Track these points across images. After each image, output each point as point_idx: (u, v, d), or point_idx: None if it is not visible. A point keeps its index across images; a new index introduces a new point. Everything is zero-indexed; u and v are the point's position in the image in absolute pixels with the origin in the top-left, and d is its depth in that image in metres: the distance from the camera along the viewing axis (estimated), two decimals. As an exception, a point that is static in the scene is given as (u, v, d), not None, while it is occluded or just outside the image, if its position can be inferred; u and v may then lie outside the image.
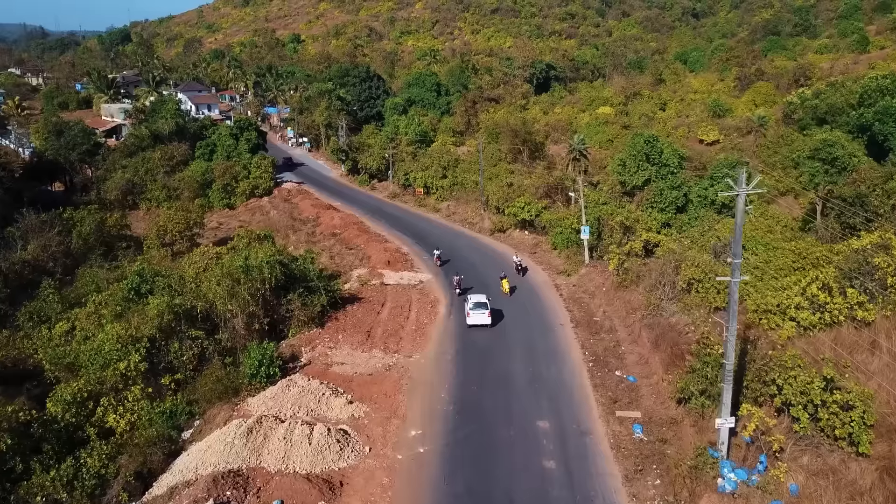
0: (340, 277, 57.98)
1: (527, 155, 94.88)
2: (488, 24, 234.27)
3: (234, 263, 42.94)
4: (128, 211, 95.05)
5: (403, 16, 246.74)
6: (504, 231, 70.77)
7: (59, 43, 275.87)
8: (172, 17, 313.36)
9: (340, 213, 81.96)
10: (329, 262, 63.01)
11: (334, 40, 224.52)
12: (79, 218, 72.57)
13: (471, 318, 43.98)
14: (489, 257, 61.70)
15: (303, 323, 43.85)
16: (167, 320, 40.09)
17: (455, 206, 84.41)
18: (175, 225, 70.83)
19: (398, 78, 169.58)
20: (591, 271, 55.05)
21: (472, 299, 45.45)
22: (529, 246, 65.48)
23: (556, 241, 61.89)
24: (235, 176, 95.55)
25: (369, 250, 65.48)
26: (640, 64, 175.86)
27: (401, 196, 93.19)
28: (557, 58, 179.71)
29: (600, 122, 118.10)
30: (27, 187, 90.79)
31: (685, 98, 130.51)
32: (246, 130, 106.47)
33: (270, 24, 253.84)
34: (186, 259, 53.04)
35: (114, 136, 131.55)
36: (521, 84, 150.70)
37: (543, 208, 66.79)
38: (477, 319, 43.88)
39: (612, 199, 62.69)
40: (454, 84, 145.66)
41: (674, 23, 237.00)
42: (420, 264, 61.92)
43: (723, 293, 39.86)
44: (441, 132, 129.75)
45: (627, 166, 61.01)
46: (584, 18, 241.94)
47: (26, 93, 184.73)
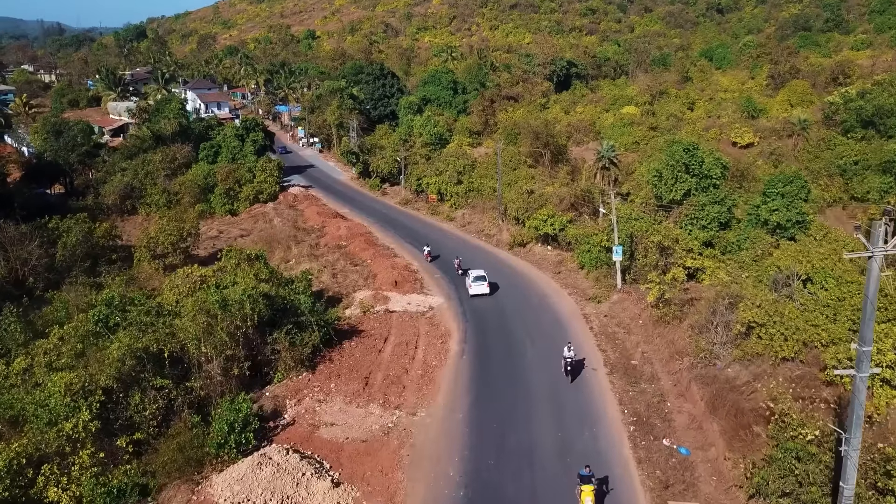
0: (341, 302, 51.40)
1: (548, 159, 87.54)
2: (507, 20, 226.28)
3: (208, 298, 36.25)
4: (126, 216, 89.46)
5: (420, 11, 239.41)
6: (524, 245, 63.65)
7: (75, 39, 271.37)
8: (188, 14, 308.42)
9: (347, 223, 75.23)
10: (330, 282, 56.32)
11: (350, 36, 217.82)
12: (65, 227, 66.47)
13: (472, 290, 51.24)
14: (514, 285, 54.02)
15: (290, 366, 37.13)
16: (129, 366, 33.59)
17: (471, 214, 77.39)
18: (167, 236, 64.45)
19: (414, 75, 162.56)
20: (624, 298, 47.86)
21: (472, 274, 52.53)
22: (552, 264, 58.32)
23: (582, 259, 54.73)
24: (239, 180, 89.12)
25: (376, 267, 58.67)
26: (664, 61, 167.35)
27: (413, 203, 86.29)
28: (578, 54, 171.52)
29: (625, 122, 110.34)
30: (19, 191, 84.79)
31: (714, 97, 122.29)
32: (252, 131, 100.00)
33: (286, 19, 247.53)
34: (167, 282, 46.55)
35: (121, 135, 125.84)
36: (541, 82, 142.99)
37: (568, 222, 59.59)
38: (478, 290, 51.15)
39: (646, 213, 55.37)
40: (471, 82, 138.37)
41: (697, 18, 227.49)
42: (431, 284, 55.05)
43: (791, 340, 32.63)
44: (457, 132, 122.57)
45: (664, 178, 53.70)
46: (606, 14, 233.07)
47: (37, 90, 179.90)
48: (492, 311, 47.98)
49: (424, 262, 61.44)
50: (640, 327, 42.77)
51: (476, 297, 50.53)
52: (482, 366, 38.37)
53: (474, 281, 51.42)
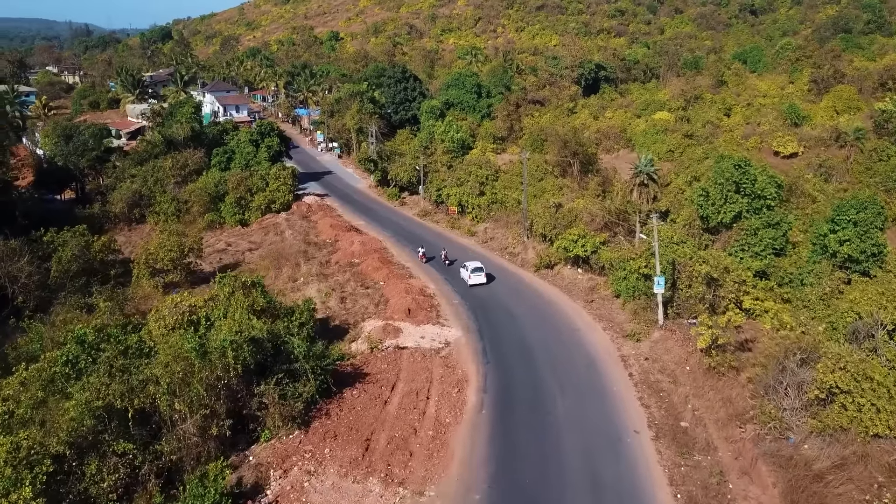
0: (347, 334, 45.77)
1: (577, 169, 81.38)
2: (533, 22, 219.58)
3: (184, 344, 30.74)
4: (134, 225, 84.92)
5: (445, 13, 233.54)
6: (552, 267, 57.48)
7: (101, 41, 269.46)
8: (214, 15, 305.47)
9: (361, 237, 69.62)
10: (338, 308, 50.70)
11: (373, 38, 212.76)
12: (60, 241, 61.73)
13: (471, 280, 53.77)
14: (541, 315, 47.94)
15: (280, 423, 31.48)
16: (87, 426, 28.26)
17: (493, 229, 71.39)
18: (166, 252, 59.37)
19: (437, 78, 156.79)
20: (666, 337, 41.61)
21: (469, 266, 54.92)
22: (584, 290, 52.14)
23: (618, 287, 48.53)
24: (251, 188, 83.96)
25: (389, 290, 52.96)
26: (696, 64, 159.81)
27: (432, 214, 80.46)
28: (606, 57, 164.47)
29: (658, 129, 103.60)
30: (22, 199, 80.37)
31: (752, 103, 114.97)
32: (267, 136, 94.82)
33: (309, 21, 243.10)
34: (152, 312, 41.24)
35: (139, 137, 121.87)
36: (569, 86, 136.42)
37: (602, 243, 53.37)
38: (476, 280, 53.72)
39: (690, 236, 49.02)
40: (496, 85, 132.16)
41: (730, 20, 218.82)
42: (448, 312, 49.17)
43: (885, 412, 26.28)
44: (480, 138, 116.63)
45: (711, 198, 47.26)
46: (635, 15, 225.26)
47: (59, 91, 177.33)
48: (516, 347, 42.04)
49: (442, 284, 55.70)
50: (687, 376, 36.50)
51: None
52: (504, 424, 32.43)
53: (472, 272, 54.37)
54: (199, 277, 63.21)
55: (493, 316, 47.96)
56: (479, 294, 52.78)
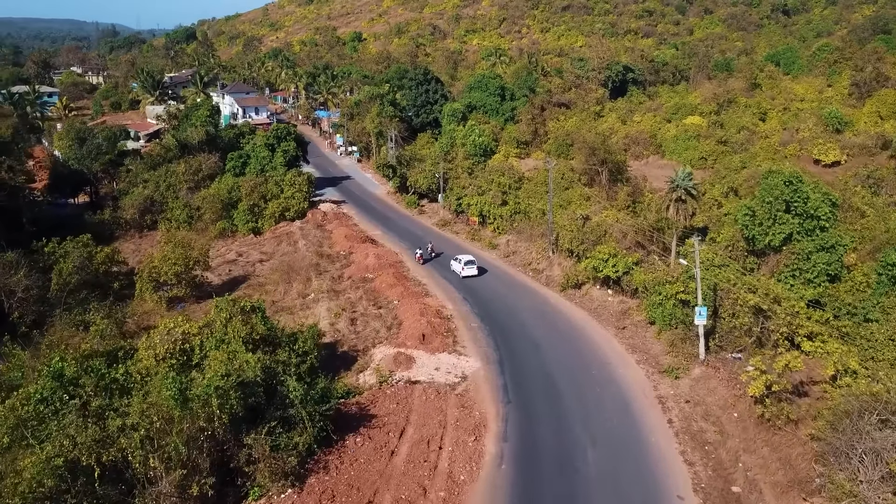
0: (356, 362, 41.73)
1: (605, 177, 76.66)
2: (558, 22, 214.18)
3: (162, 391, 26.86)
4: (146, 232, 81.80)
5: (469, 13, 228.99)
6: (580, 287, 52.94)
7: (126, 41, 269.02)
8: (238, 16, 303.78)
9: (377, 249, 65.61)
10: (347, 331, 46.67)
11: (396, 39, 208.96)
12: (62, 252, 58.55)
13: (464, 272, 56.54)
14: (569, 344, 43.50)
15: (271, 481, 27.46)
16: (49, 486, 24.51)
17: (516, 242, 66.97)
18: (171, 266, 55.82)
19: (460, 79, 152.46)
20: (709, 374, 36.98)
21: (462, 259, 57.78)
22: (615, 314, 47.58)
23: (653, 314, 43.93)
24: (265, 195, 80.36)
25: (403, 311, 48.83)
26: (727, 66, 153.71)
27: (452, 224, 76.22)
28: (634, 58, 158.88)
29: (690, 135, 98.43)
30: (29, 205, 77.48)
31: (789, 107, 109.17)
32: (284, 140, 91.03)
33: (332, 21, 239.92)
34: (143, 341, 37.51)
35: (157, 139, 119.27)
36: (596, 88, 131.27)
37: (635, 264, 48.73)
38: (469, 272, 56.58)
39: (733, 258, 44.25)
40: (520, 87, 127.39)
41: (761, 21, 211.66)
42: (466, 337, 44.94)
43: None
44: (504, 142, 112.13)
45: (758, 217, 42.43)
46: (663, 16, 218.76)
47: (82, 92, 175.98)
48: (540, 383, 37.68)
49: (460, 304, 51.50)
50: (736, 425, 31.89)
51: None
52: (527, 484, 28.15)
53: (465, 265, 57.34)
54: (206, 291, 59.59)
55: (515, 343, 43.65)
56: (501, 316, 48.51)
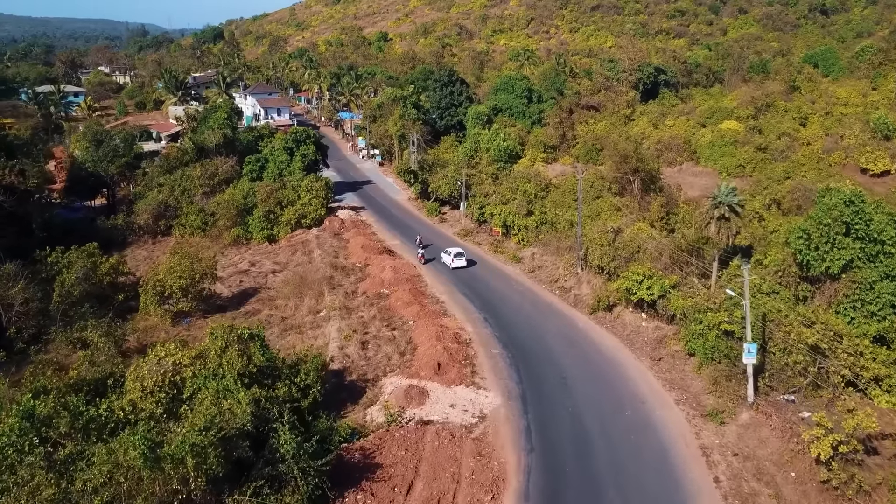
0: (363, 395, 37.89)
1: (638, 186, 71.95)
2: (588, 22, 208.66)
3: (129, 451, 23.18)
4: (160, 237, 78.90)
5: (496, 13, 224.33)
6: (611, 310, 48.53)
7: (154, 41, 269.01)
8: (266, 15, 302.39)
9: (394, 262, 61.79)
10: (357, 356, 42.85)
11: (422, 39, 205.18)
12: (65, 262, 55.64)
13: (454, 264, 58.97)
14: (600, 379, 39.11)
15: (255, 551, 23.72)
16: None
17: (542, 255, 62.67)
18: (176, 279, 52.54)
19: (487, 80, 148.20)
20: (759, 421, 32.50)
21: (451, 251, 60.56)
22: (649, 342, 43.15)
23: (693, 345, 39.43)
24: (281, 201, 77.01)
25: (418, 333, 44.94)
26: (763, 67, 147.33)
27: (474, 234, 72.07)
28: (666, 59, 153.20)
29: (726, 141, 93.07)
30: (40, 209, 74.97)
31: (831, 111, 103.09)
32: (303, 144, 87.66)
33: (358, 21, 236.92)
34: (132, 370, 34.05)
35: (178, 140, 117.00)
36: (626, 91, 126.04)
37: (672, 287, 44.24)
38: (458, 263, 58.99)
39: (784, 285, 39.58)
40: (548, 89, 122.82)
41: (798, 20, 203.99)
42: (485, 366, 40.90)
43: None
44: (530, 146, 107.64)
45: (814, 241, 37.73)
46: (696, 16, 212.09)
47: (109, 92, 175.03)
48: (567, 426, 33.52)
49: (480, 325, 47.48)
50: (794, 488, 27.43)
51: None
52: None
53: (455, 257, 59.91)
54: (215, 305, 56.44)
55: (539, 374, 39.48)
56: (524, 341, 44.37)
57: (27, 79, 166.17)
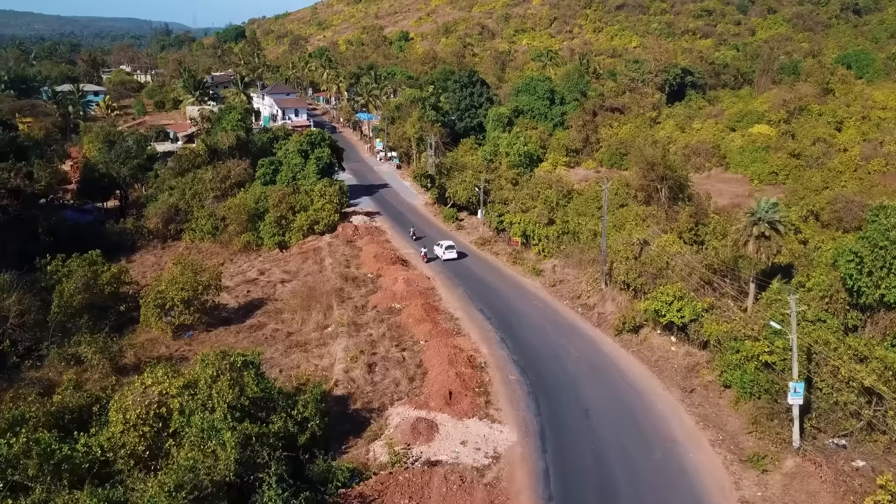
0: (367, 427, 34.69)
1: (665, 195, 68.07)
2: (612, 22, 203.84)
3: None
4: (170, 242, 76.49)
5: (519, 12, 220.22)
6: (637, 331, 44.93)
7: (177, 40, 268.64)
8: (288, 14, 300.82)
9: (407, 273, 58.57)
10: (363, 380, 39.67)
11: (443, 38, 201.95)
12: (66, 271, 53.17)
13: (444, 256, 62.03)
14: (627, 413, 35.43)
15: None
16: None
17: (563, 268, 59.10)
18: (178, 291, 49.79)
19: (508, 81, 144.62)
20: (806, 470, 28.80)
21: (443, 244, 63.44)
22: (680, 370, 39.49)
23: (730, 377, 35.75)
24: (293, 206, 74.22)
25: (429, 356, 41.70)
26: (794, 69, 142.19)
27: (492, 243, 68.61)
28: (692, 60, 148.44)
29: (758, 146, 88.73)
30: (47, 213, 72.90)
31: (868, 115, 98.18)
32: (318, 146, 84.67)
33: (380, 20, 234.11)
34: (116, 399, 31.15)
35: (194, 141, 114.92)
36: (652, 92, 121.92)
37: (706, 310, 40.52)
38: (450, 255, 62.13)
39: (831, 311, 35.74)
40: (571, 91, 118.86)
41: (829, 20, 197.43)
42: (501, 394, 37.59)
43: None
44: (552, 150, 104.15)
45: (867, 265, 33.88)
46: (723, 15, 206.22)
47: (129, 91, 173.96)
48: (591, 471, 30.07)
49: (496, 346, 44.17)
50: (853, 557, 23.72)
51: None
52: None
53: (446, 249, 62.89)
54: (220, 317, 53.69)
55: (560, 406, 36.05)
56: (544, 366, 40.98)
57: (48, 77, 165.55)
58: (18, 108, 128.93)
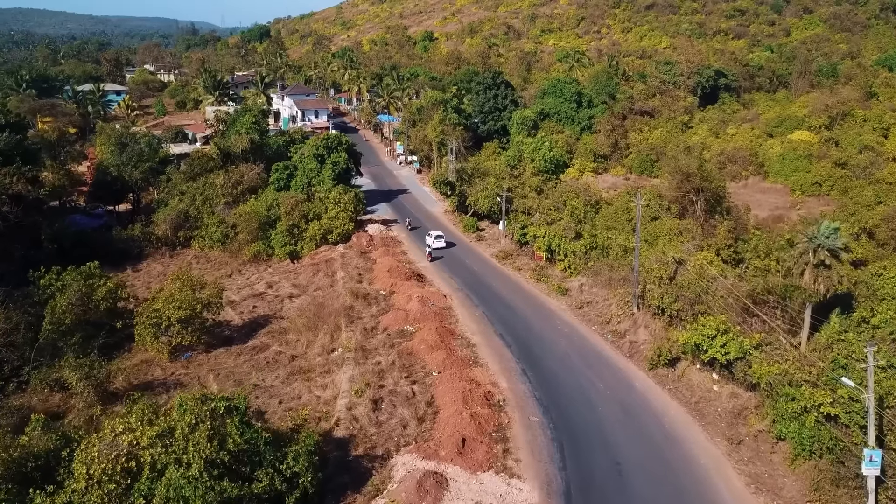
0: (368, 481, 30.36)
1: (701, 207, 63.01)
2: (641, 22, 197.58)
3: None
4: (178, 249, 73.02)
5: (546, 12, 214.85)
6: (673, 365, 40.14)
7: (202, 39, 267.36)
8: (313, 14, 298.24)
9: (422, 290, 54.20)
10: (367, 420, 35.25)
11: (468, 39, 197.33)
12: (59, 286, 49.59)
13: (434, 245, 65.34)
14: (667, 474, 30.33)
15: None
16: None
17: (591, 288, 54.31)
18: (174, 311, 45.92)
19: (534, 83, 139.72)
20: (887, 557, 23.87)
21: (433, 234, 67.16)
22: (724, 415, 34.63)
23: (784, 430, 30.87)
24: (306, 214, 70.41)
25: (442, 391, 37.24)
26: (833, 71, 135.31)
27: (514, 257, 63.93)
28: (725, 61, 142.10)
29: (799, 154, 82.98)
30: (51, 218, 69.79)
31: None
32: (334, 151, 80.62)
33: (404, 20, 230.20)
34: (80, 452, 27.23)
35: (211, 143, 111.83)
36: (684, 95, 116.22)
37: (755, 347, 35.60)
38: (438, 245, 65.59)
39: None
40: (599, 93, 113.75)
41: (869, 20, 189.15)
42: (521, 439, 33.14)
43: None
44: (579, 155, 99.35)
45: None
46: (756, 15, 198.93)
47: (152, 90, 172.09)
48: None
49: (517, 379, 39.70)
50: None
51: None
52: None
53: (435, 239, 66.04)
54: (222, 337, 49.86)
55: (587, 456, 31.48)
56: (570, 406, 36.42)
57: (70, 77, 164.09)
58: (38, 108, 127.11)
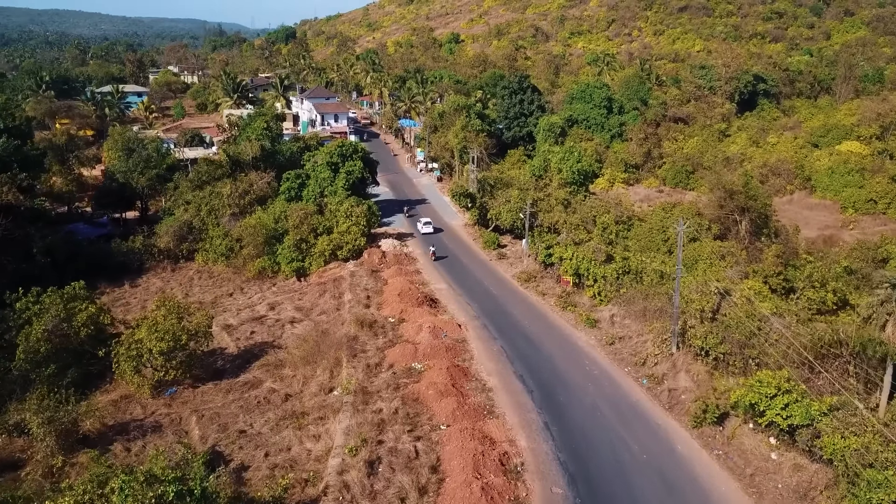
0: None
1: (746, 228, 56.66)
2: (674, 24, 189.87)
3: None
4: (182, 263, 68.48)
5: (575, 14, 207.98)
6: (721, 422, 33.98)
7: (228, 41, 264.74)
8: (339, 16, 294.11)
9: (434, 319, 48.53)
10: (359, 490, 29.73)
11: (495, 41, 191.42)
12: (36, 311, 44.88)
13: (422, 230, 70.72)
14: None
15: None
16: None
17: (623, 319, 48.22)
18: (156, 343, 40.85)
19: (562, 87, 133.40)
20: None
21: (423, 220, 72.53)
22: (787, 492, 28.44)
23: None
24: (315, 228, 65.32)
25: (450, 452, 31.64)
26: (879, 76, 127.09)
27: (537, 280, 57.88)
28: (763, 66, 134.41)
29: (850, 168, 75.74)
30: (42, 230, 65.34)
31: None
32: (349, 159, 75.39)
33: (430, 22, 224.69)
34: None
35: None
36: (722, 102, 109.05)
37: (824, 414, 29.31)
38: (426, 230, 70.51)
39: None
40: (630, 99, 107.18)
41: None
42: (543, 520, 27.34)
43: None
44: (609, 164, 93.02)
45: None
46: (795, 18, 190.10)
47: (174, 91, 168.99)
48: None
49: (540, 437, 33.88)
50: None
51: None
52: None
53: (424, 224, 71.57)
54: (212, 369, 44.78)
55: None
56: (600, 474, 30.59)
57: (93, 78, 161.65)
58: (56, 110, 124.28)
